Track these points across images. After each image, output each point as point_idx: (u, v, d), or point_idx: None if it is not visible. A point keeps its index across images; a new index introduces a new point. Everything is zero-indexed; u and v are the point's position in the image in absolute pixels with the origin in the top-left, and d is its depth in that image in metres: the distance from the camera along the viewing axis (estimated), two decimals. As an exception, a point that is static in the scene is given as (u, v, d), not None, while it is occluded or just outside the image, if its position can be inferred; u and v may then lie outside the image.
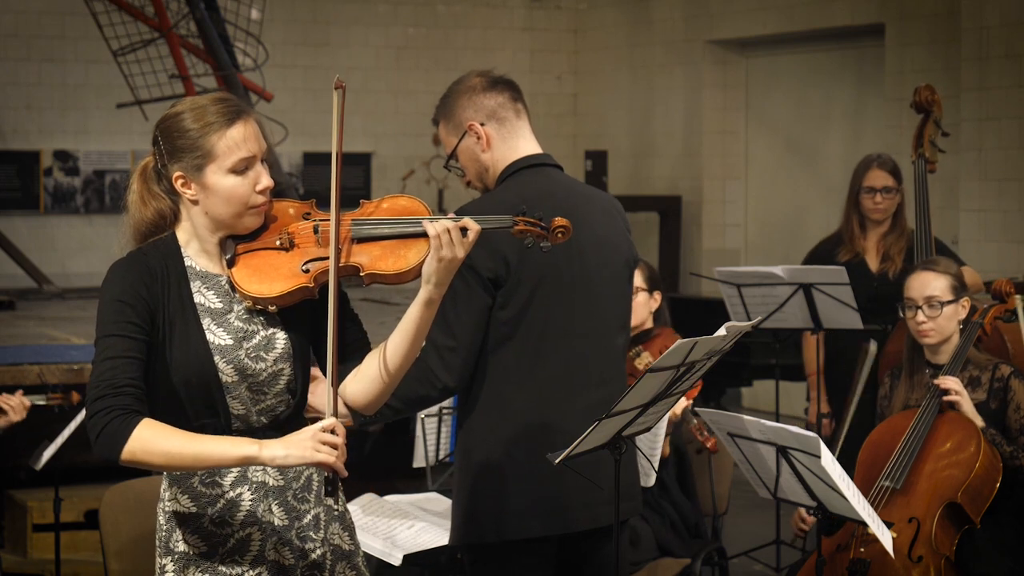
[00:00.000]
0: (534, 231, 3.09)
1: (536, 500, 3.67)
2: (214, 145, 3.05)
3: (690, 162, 11.77)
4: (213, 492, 3.10)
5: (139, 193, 3.17)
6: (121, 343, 2.99)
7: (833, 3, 10.51)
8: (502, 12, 12.82)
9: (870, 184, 6.15)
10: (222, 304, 3.11)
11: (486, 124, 3.76)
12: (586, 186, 3.96)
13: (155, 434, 2.92)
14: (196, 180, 3.07)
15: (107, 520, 4.39)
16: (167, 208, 3.15)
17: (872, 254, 6.17)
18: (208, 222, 3.11)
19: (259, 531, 3.11)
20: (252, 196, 3.08)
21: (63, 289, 10.32)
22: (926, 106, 6.10)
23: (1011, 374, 4.81)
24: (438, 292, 3.05)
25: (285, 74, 11.60)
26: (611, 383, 3.77)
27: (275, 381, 3.11)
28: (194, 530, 3.10)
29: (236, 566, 3.10)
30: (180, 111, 3.10)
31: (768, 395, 9.40)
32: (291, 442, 2.92)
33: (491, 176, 3.79)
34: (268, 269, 3.06)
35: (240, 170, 3.07)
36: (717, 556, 5.42)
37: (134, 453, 2.91)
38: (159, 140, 3.11)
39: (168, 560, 3.12)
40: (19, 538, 6.56)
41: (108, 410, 2.92)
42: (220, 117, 3.07)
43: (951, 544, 4.56)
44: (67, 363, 6.65)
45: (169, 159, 3.09)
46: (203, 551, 3.10)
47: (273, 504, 3.13)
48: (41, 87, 11.48)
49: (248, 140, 3.09)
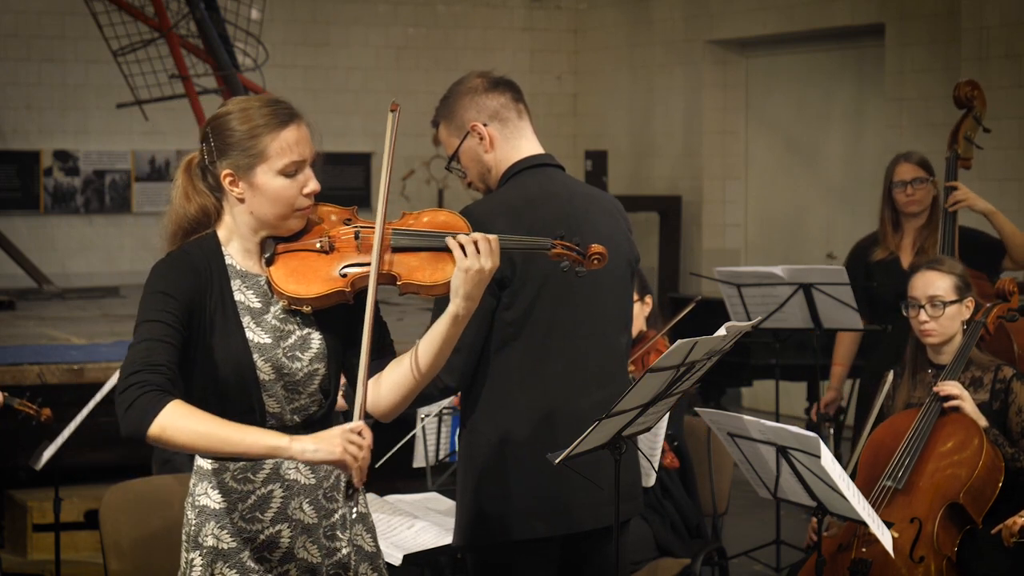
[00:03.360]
0: (571, 255, 3.17)
1: (541, 500, 3.66)
2: (267, 146, 3.09)
3: (690, 162, 11.76)
4: (244, 488, 3.12)
5: (183, 188, 3.18)
6: (160, 328, 3.00)
7: (833, 3, 10.50)
8: (502, 12, 12.81)
9: (900, 178, 6.10)
10: (261, 303, 3.14)
11: (489, 125, 3.76)
12: (588, 186, 3.96)
13: (185, 413, 2.92)
14: (245, 179, 3.10)
15: (107, 520, 4.39)
16: (211, 205, 3.16)
17: (907, 251, 6.11)
18: (252, 221, 3.14)
19: (289, 528, 3.14)
20: (299, 199, 3.11)
21: (63, 289, 10.32)
22: (965, 101, 6.06)
23: (1013, 376, 4.80)
24: (467, 306, 3.10)
25: (285, 74, 11.59)
26: (614, 383, 3.77)
27: (310, 381, 3.15)
28: (224, 525, 3.12)
29: (265, 562, 3.12)
30: (234, 109, 3.13)
31: (768, 395, 9.40)
32: (321, 438, 2.92)
33: (493, 177, 3.79)
34: (306, 270, 3.10)
35: (290, 173, 3.10)
36: (717, 556, 5.41)
37: (163, 429, 2.90)
38: (209, 137, 3.13)
39: (196, 554, 3.14)
40: (19, 538, 6.56)
41: (141, 384, 2.93)
42: (274, 119, 3.10)
43: (953, 544, 4.56)
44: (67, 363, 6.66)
45: (219, 156, 3.11)
46: (232, 547, 3.12)
47: (304, 502, 3.15)
48: (41, 87, 11.48)
49: (300, 143, 3.12)
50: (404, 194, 11.97)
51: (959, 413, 4.71)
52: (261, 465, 3.12)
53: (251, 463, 3.12)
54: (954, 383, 4.74)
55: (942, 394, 4.71)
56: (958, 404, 4.70)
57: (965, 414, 4.70)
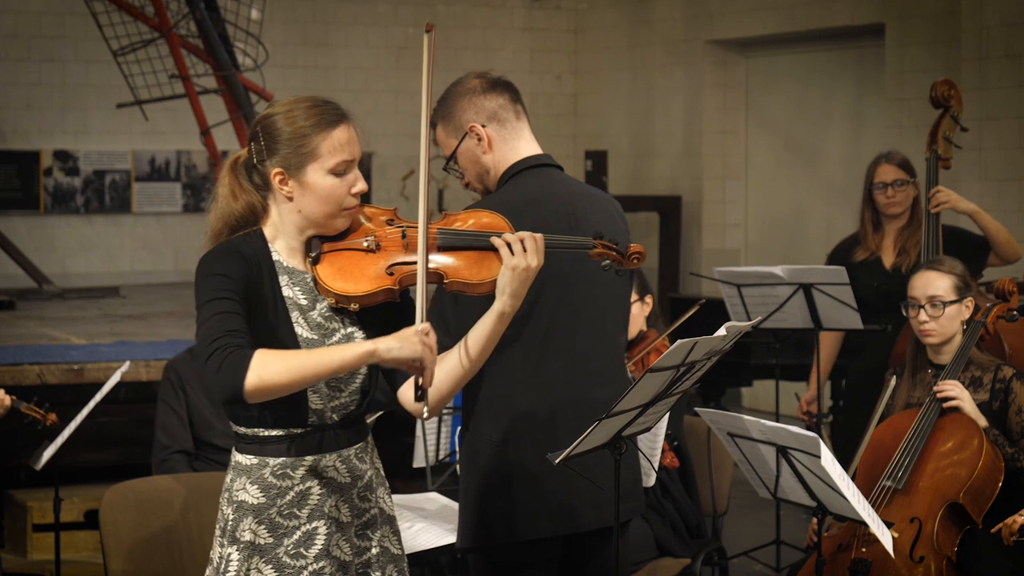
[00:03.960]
0: (612, 255, 3.24)
1: (546, 500, 3.66)
2: (318, 145, 3.13)
3: (690, 162, 11.76)
4: (283, 484, 3.17)
5: (229, 187, 3.22)
6: (226, 303, 3.05)
7: (833, 3, 10.51)
8: (502, 12, 12.81)
9: (881, 179, 6.12)
10: (307, 300, 3.18)
11: (487, 126, 3.75)
12: (587, 186, 3.96)
13: (273, 356, 2.96)
14: (295, 177, 3.15)
15: (107, 520, 4.39)
16: (258, 202, 3.21)
17: (888, 251, 6.13)
18: (299, 220, 3.18)
19: (325, 525, 3.18)
20: (347, 198, 3.16)
21: (63, 289, 10.32)
22: (943, 101, 6.07)
23: (1013, 376, 4.80)
24: (512, 304, 3.16)
25: (285, 74, 11.60)
26: (615, 382, 3.78)
27: (352, 379, 3.19)
28: (262, 520, 3.16)
29: (300, 559, 3.16)
30: (284, 109, 3.17)
31: (768, 395, 9.41)
32: (402, 336, 2.99)
33: (492, 178, 3.79)
34: (353, 269, 3.14)
35: (340, 172, 3.15)
36: (717, 556, 5.42)
37: (259, 377, 2.93)
38: (260, 136, 3.17)
39: (233, 549, 3.17)
40: (19, 538, 6.56)
41: (224, 347, 2.96)
42: (325, 118, 3.15)
43: (953, 544, 4.56)
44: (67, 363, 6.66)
45: (268, 155, 3.16)
46: (269, 542, 3.16)
47: (340, 500, 3.20)
48: (41, 87, 11.48)
49: (350, 143, 3.18)
50: (404, 194, 11.98)
51: (959, 413, 4.71)
52: (300, 462, 3.17)
53: (291, 459, 3.16)
54: (954, 383, 4.74)
55: (942, 395, 4.71)
56: (958, 404, 4.70)
57: (965, 414, 4.70)
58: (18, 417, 5.12)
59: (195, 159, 11.86)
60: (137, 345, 7.26)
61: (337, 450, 3.21)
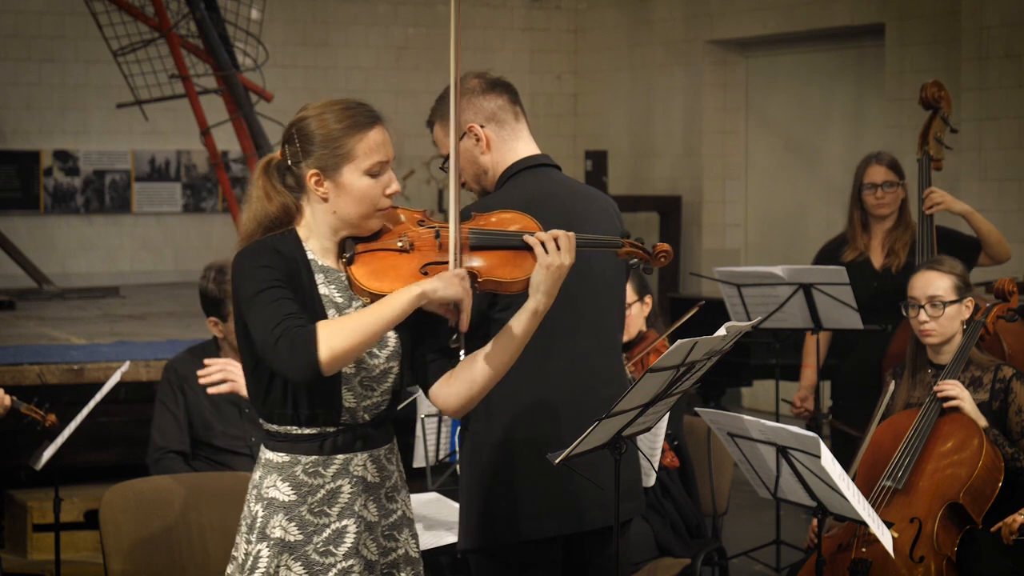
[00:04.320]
0: (640, 253, 3.30)
1: (550, 499, 3.66)
2: (354, 146, 3.18)
3: (690, 162, 11.76)
4: (315, 482, 3.21)
5: (263, 188, 3.25)
6: (277, 291, 3.10)
7: (833, 3, 10.51)
8: (502, 12, 12.81)
9: (871, 180, 6.14)
10: (343, 298, 3.23)
11: (486, 126, 3.76)
12: (585, 186, 3.97)
13: (334, 324, 3.04)
14: (331, 178, 3.19)
15: (107, 520, 4.39)
16: (292, 203, 3.25)
17: (877, 252, 6.15)
18: (334, 221, 3.22)
19: (354, 524, 3.23)
20: (381, 199, 3.21)
21: (63, 289, 10.32)
22: (933, 102, 6.08)
23: (1013, 376, 4.80)
24: (545, 302, 3.19)
25: (285, 74, 11.60)
26: (615, 381, 3.78)
27: (384, 378, 3.24)
28: (292, 518, 3.20)
29: (330, 556, 3.21)
30: (319, 112, 3.21)
31: (768, 395, 9.40)
32: (443, 278, 3.09)
33: (490, 178, 3.79)
34: (388, 269, 3.18)
35: (375, 173, 3.20)
36: (717, 556, 5.42)
37: (330, 348, 2.99)
38: (295, 138, 3.21)
39: (263, 546, 3.20)
40: (19, 538, 6.56)
41: (287, 329, 3.02)
42: (361, 119, 3.21)
43: (953, 544, 4.56)
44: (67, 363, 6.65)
45: (304, 156, 3.20)
46: (299, 539, 3.20)
47: (368, 500, 3.25)
48: (41, 87, 11.48)
49: (384, 145, 3.23)
50: (404, 194, 11.97)
51: (959, 413, 4.71)
52: (332, 460, 3.21)
53: (323, 458, 3.20)
54: (954, 383, 4.74)
55: (942, 395, 4.71)
56: (958, 404, 4.70)
57: (965, 414, 4.70)
58: (17, 417, 5.12)
59: (195, 159, 11.86)
60: (137, 345, 7.26)
61: (367, 450, 3.26)
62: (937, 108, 6.07)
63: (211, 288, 5.21)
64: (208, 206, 12.02)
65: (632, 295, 5.42)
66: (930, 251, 5.88)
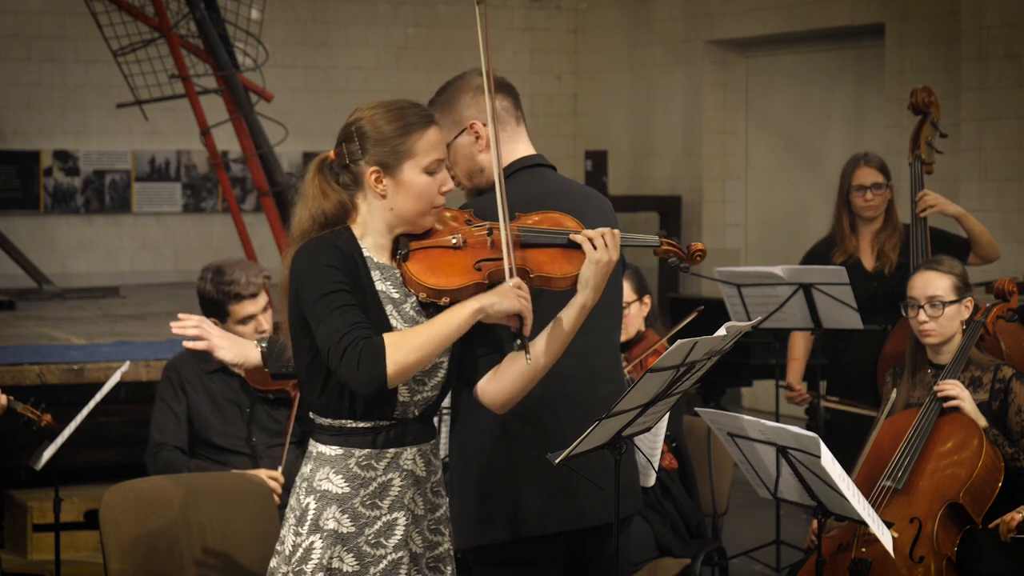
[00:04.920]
0: (677, 252, 3.43)
1: (550, 496, 3.66)
2: (414, 144, 3.27)
3: (690, 162, 11.76)
4: (367, 475, 3.28)
5: (319, 187, 3.32)
6: (343, 296, 3.18)
7: (833, 3, 10.51)
8: (502, 12, 12.81)
9: (859, 182, 6.15)
10: (399, 294, 3.31)
11: (487, 125, 3.76)
12: (581, 186, 3.97)
13: (400, 337, 3.15)
14: (391, 175, 3.27)
15: (107, 520, 4.39)
16: (347, 200, 3.31)
17: (867, 253, 6.16)
18: (391, 217, 3.30)
19: (404, 517, 3.30)
20: (436, 197, 3.31)
21: (63, 289, 10.32)
22: (923, 108, 6.10)
23: (1013, 376, 4.80)
24: (593, 296, 3.29)
25: (285, 74, 11.60)
26: (615, 379, 3.78)
27: (434, 373, 3.32)
28: (345, 510, 3.27)
29: (380, 548, 3.28)
30: (378, 112, 3.30)
31: (768, 395, 9.40)
32: (500, 291, 3.20)
33: (485, 177, 3.79)
34: (444, 265, 3.29)
35: (432, 170, 3.29)
36: (717, 556, 5.42)
37: (397, 363, 3.11)
38: (354, 136, 3.29)
39: (316, 537, 3.26)
40: (19, 538, 6.56)
41: (354, 341, 3.11)
42: (420, 119, 3.30)
43: (952, 544, 4.56)
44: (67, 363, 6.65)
45: (363, 154, 3.28)
46: (351, 531, 3.27)
47: (416, 493, 3.32)
48: (41, 87, 11.48)
49: (440, 143, 3.34)
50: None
51: (959, 413, 4.71)
52: (383, 454, 3.28)
53: (375, 451, 3.28)
54: (954, 382, 4.74)
55: (942, 394, 4.71)
56: (958, 404, 4.70)
57: (965, 414, 4.70)
58: (14, 417, 5.13)
59: (195, 159, 11.87)
60: (137, 345, 7.26)
61: (416, 444, 3.33)
62: (927, 113, 6.09)
63: (209, 289, 5.20)
64: (208, 206, 12.02)
65: (631, 294, 5.42)
66: (924, 253, 5.89)
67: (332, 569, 3.25)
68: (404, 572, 3.29)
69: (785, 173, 11.39)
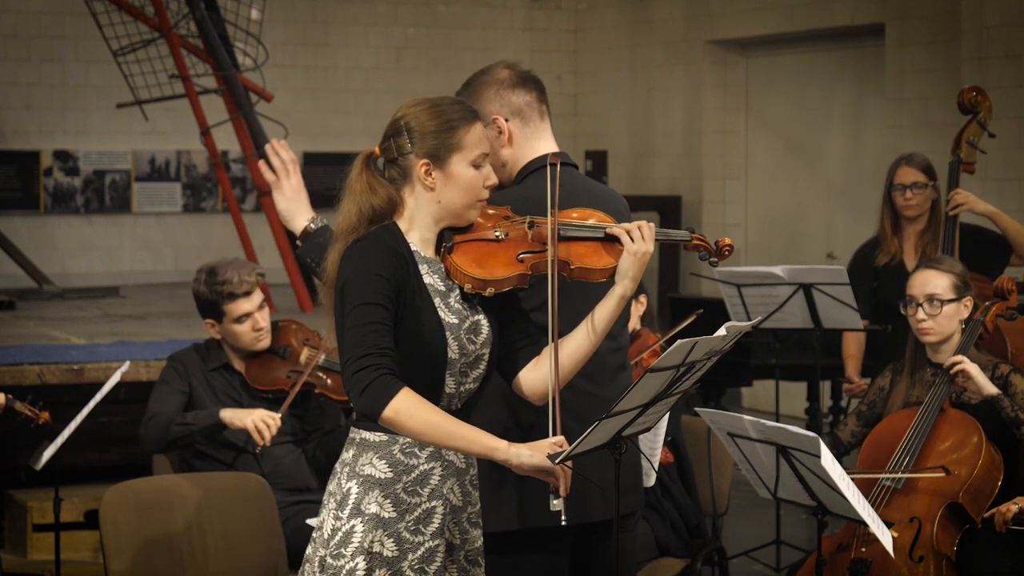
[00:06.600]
0: (707, 246, 3.54)
1: None
2: (463, 137, 3.34)
3: (690, 162, 11.77)
4: (410, 462, 3.32)
5: (367, 182, 3.36)
6: (380, 311, 3.23)
7: (833, 3, 10.51)
8: (502, 12, 12.82)
9: (900, 181, 6.08)
10: (445, 287, 3.36)
11: (510, 120, 3.77)
12: (602, 185, 3.99)
13: (417, 403, 3.18)
14: (440, 168, 3.34)
15: (107, 520, 4.39)
16: (395, 195, 3.36)
17: (910, 255, 6.07)
18: (437, 211, 3.36)
19: (443, 506, 3.34)
20: (482, 190, 3.38)
21: (63, 289, 10.32)
22: (970, 107, 6.09)
23: (1010, 371, 4.81)
24: (632, 287, 3.39)
25: (285, 74, 11.59)
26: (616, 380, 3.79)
27: (477, 364, 3.38)
28: (388, 495, 3.30)
29: (419, 535, 3.31)
30: (426, 106, 3.35)
31: (768, 395, 9.40)
32: (536, 447, 3.24)
33: (507, 172, 3.80)
34: (488, 258, 3.36)
35: (479, 164, 3.36)
36: (717, 556, 5.42)
37: (397, 413, 3.16)
38: (403, 130, 3.34)
39: (357, 521, 3.29)
40: (19, 538, 6.56)
41: (376, 367, 3.17)
42: (466, 113, 3.37)
43: (952, 544, 4.56)
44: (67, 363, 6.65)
45: (413, 148, 3.34)
46: (392, 516, 3.30)
47: (455, 484, 3.37)
48: (41, 87, 11.48)
49: (485, 138, 3.41)
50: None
51: (959, 411, 4.72)
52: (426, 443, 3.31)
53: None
54: (961, 356, 4.73)
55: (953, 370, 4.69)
56: (965, 369, 4.68)
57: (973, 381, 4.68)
58: (12, 415, 5.13)
59: (195, 159, 11.87)
60: (137, 345, 7.26)
61: None
62: (976, 113, 6.07)
63: (203, 290, 5.20)
64: (208, 206, 12.02)
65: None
66: (950, 252, 5.85)
67: (372, 553, 3.27)
68: (439, 560, 3.32)
69: (785, 173, 11.39)
